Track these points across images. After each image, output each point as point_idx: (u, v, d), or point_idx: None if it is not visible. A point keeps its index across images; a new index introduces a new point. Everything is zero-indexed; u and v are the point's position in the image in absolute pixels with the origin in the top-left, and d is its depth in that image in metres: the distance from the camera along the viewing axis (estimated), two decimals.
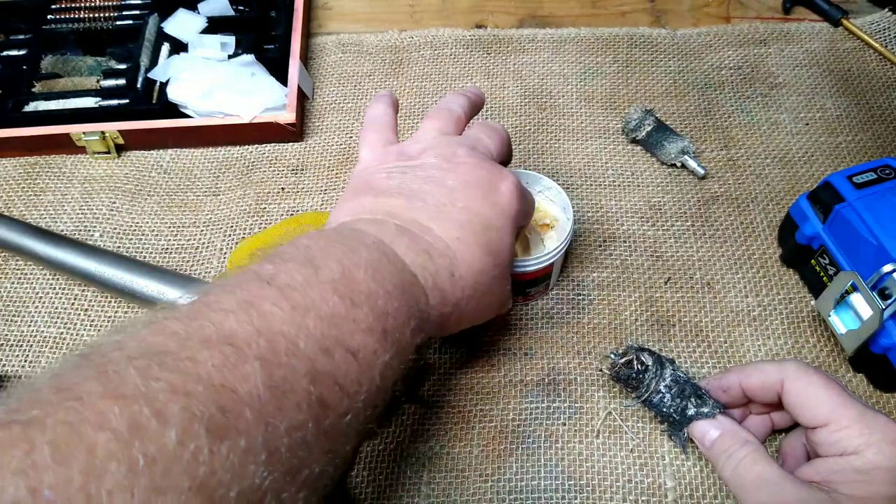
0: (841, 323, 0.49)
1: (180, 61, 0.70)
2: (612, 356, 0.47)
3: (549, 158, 0.67)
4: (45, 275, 0.61)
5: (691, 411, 0.45)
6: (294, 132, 0.67)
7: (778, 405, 0.45)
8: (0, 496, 0.19)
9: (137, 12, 0.75)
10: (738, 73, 0.72)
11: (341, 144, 0.69)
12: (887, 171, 0.53)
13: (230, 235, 0.63)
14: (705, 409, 0.45)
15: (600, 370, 0.48)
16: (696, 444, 0.46)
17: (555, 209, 0.56)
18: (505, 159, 0.48)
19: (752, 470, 0.40)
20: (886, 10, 0.76)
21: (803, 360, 0.41)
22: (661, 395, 0.46)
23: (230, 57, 0.71)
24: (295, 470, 0.26)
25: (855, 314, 0.48)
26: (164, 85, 0.69)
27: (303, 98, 0.71)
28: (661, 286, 0.58)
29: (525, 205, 0.44)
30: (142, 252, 0.63)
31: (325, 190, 0.66)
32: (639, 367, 0.46)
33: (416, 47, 0.76)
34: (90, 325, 0.59)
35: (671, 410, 0.46)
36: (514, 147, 0.67)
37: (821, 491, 0.38)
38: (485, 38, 0.76)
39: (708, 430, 0.44)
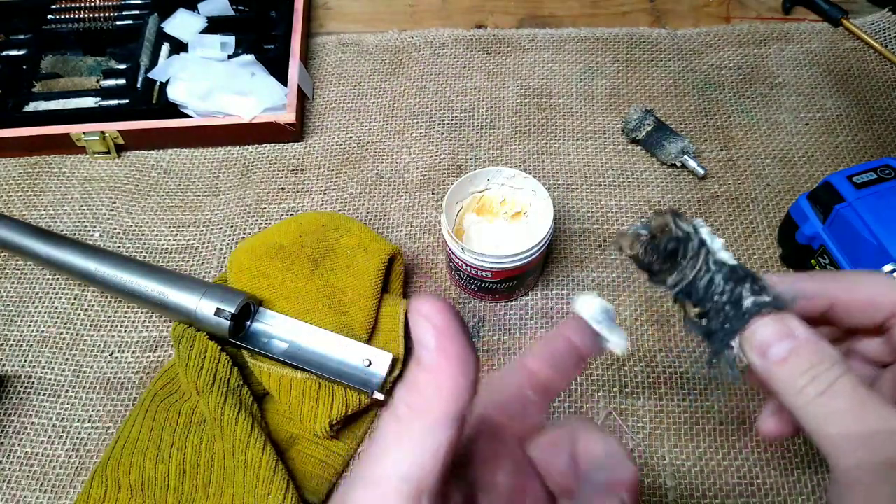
0: None
1: (180, 61, 0.70)
2: (635, 228, 0.31)
3: (549, 158, 0.67)
4: (45, 275, 0.61)
5: (749, 302, 0.29)
6: (294, 132, 0.67)
7: (870, 333, 0.33)
8: None
9: (137, 12, 0.75)
10: (738, 73, 0.72)
11: (341, 144, 0.69)
12: (887, 171, 0.53)
13: (230, 235, 0.63)
14: (767, 299, 0.28)
15: (619, 249, 0.32)
16: (747, 362, 0.30)
17: (522, 195, 0.56)
18: None
19: (851, 397, 0.27)
20: (886, 10, 0.76)
21: None
22: (709, 274, 0.30)
23: (230, 57, 0.71)
24: None
25: None
26: (164, 85, 0.69)
27: (303, 98, 0.71)
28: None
29: None
30: (142, 252, 0.63)
31: (325, 190, 0.66)
32: (679, 233, 0.30)
33: (416, 47, 0.76)
34: (90, 325, 0.59)
35: (724, 300, 0.29)
36: (514, 147, 0.67)
37: None
38: (485, 38, 0.76)
39: (775, 338, 0.28)
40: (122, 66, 0.72)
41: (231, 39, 0.72)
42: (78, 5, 0.76)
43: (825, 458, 0.27)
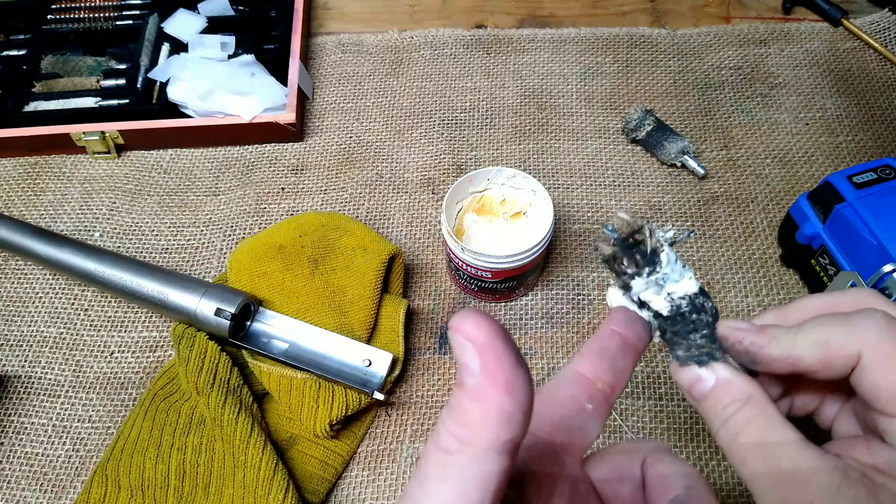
0: None
1: (180, 61, 0.69)
2: (607, 230, 0.30)
3: (549, 158, 0.67)
4: (45, 275, 0.61)
5: (687, 344, 0.29)
6: (294, 132, 0.67)
7: (832, 384, 0.31)
8: None
9: (137, 12, 0.75)
10: (738, 73, 0.72)
11: (341, 144, 0.69)
12: (887, 171, 0.53)
13: (230, 235, 0.63)
14: (703, 350, 0.29)
15: (595, 249, 0.31)
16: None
17: (522, 195, 0.56)
18: None
19: (762, 437, 0.27)
20: (886, 10, 0.76)
21: (880, 315, 0.28)
22: (672, 294, 0.29)
23: (230, 57, 0.71)
24: None
25: None
26: (164, 85, 0.69)
27: (303, 98, 0.71)
28: None
29: None
30: (142, 252, 0.63)
31: (325, 190, 0.66)
32: (651, 241, 0.29)
33: (416, 47, 0.76)
34: (90, 325, 0.59)
35: (677, 329, 0.30)
36: (514, 147, 0.67)
37: (862, 482, 0.26)
38: (485, 38, 0.76)
39: (700, 377, 0.29)
40: (122, 66, 0.72)
41: (231, 39, 0.72)
42: (78, 5, 0.76)
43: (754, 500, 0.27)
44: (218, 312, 0.51)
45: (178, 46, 0.73)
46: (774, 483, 0.26)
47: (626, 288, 0.30)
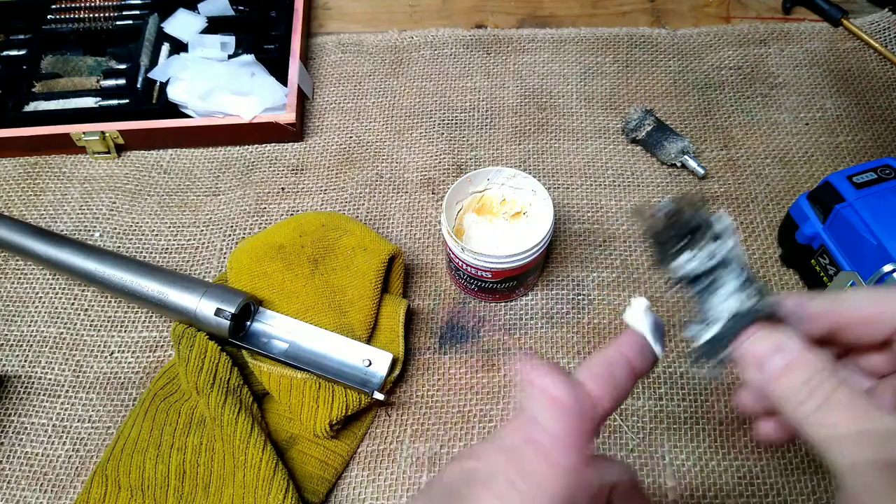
0: None
1: (180, 61, 0.69)
2: (661, 205, 0.31)
3: (549, 158, 0.67)
4: (45, 275, 0.61)
5: (750, 304, 0.29)
6: (294, 132, 0.67)
7: (871, 349, 0.32)
8: None
9: (137, 12, 0.75)
10: (738, 73, 0.72)
11: (341, 144, 0.69)
12: (887, 171, 0.53)
13: (230, 235, 0.63)
14: (763, 308, 0.28)
15: (640, 216, 0.32)
16: (738, 371, 0.30)
17: (522, 195, 0.56)
18: None
19: (850, 406, 0.26)
20: (886, 10, 0.76)
21: None
22: (722, 266, 0.29)
23: (230, 57, 0.71)
24: None
25: None
26: (164, 85, 0.69)
27: (303, 98, 0.71)
28: (661, 286, 0.58)
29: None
30: (142, 252, 0.63)
31: (325, 190, 0.66)
32: (702, 217, 0.30)
33: (416, 47, 0.76)
34: (90, 325, 0.59)
35: (723, 300, 0.29)
36: (514, 147, 0.68)
37: None
38: (485, 38, 0.76)
39: (770, 352, 0.28)
40: (122, 66, 0.72)
41: (231, 39, 0.72)
42: (78, 5, 0.76)
43: (830, 468, 0.26)
44: (218, 312, 0.51)
45: (178, 46, 0.73)
46: (862, 443, 0.26)
47: (671, 260, 0.30)
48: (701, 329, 0.30)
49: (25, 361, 0.57)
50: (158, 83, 0.70)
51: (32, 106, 0.70)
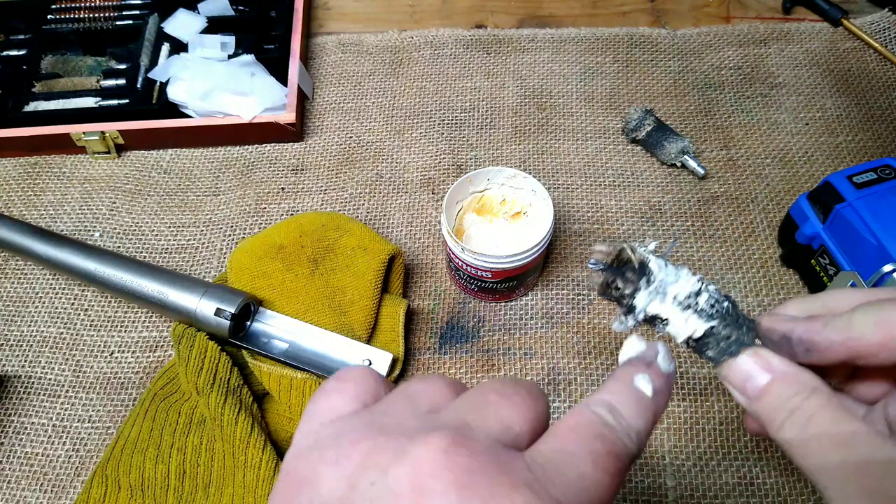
0: None
1: (180, 61, 0.69)
2: (591, 265, 0.30)
3: (549, 158, 0.67)
4: (45, 275, 0.61)
5: (714, 340, 0.29)
6: (294, 132, 0.67)
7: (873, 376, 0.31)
8: None
9: (137, 12, 0.75)
10: (738, 73, 0.72)
11: (341, 144, 0.69)
12: (887, 171, 0.53)
13: (230, 235, 0.63)
14: (744, 337, 0.29)
15: (593, 287, 0.30)
16: (727, 391, 0.31)
17: (522, 195, 0.56)
18: None
19: (833, 427, 0.26)
20: (886, 10, 0.76)
21: None
22: (676, 296, 0.29)
23: (230, 57, 0.71)
24: None
25: None
26: (164, 85, 0.69)
27: (303, 98, 0.71)
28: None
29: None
30: (142, 252, 0.63)
31: (325, 190, 0.66)
32: (636, 256, 0.29)
33: (416, 47, 0.76)
34: (90, 325, 0.59)
35: (704, 335, 0.29)
36: (514, 147, 0.68)
37: None
38: (485, 38, 0.76)
39: (753, 372, 0.28)
40: (122, 66, 0.72)
41: (231, 39, 0.72)
42: (78, 5, 0.76)
43: (819, 492, 0.26)
44: (218, 312, 0.51)
45: (178, 46, 0.73)
46: (854, 472, 0.25)
47: (631, 309, 0.29)
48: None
49: (25, 361, 0.57)
50: (158, 83, 0.70)
51: (32, 106, 0.70)
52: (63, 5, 0.76)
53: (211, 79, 0.67)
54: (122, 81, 0.70)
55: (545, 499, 0.20)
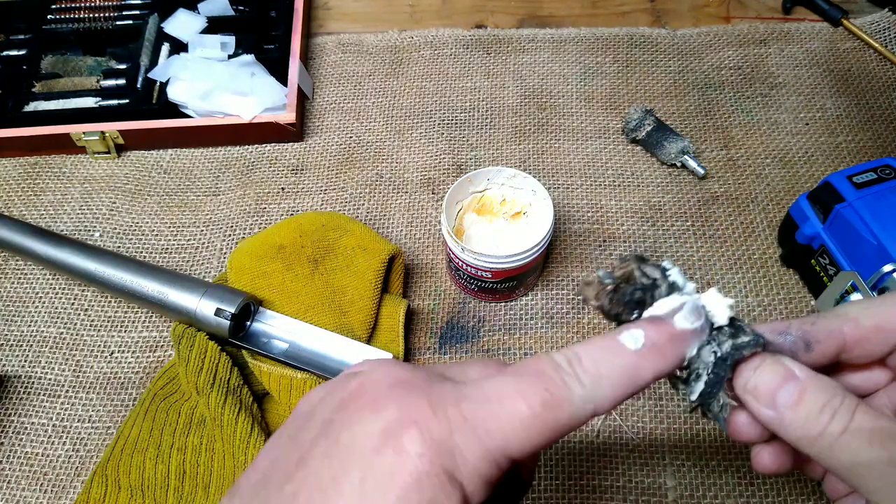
0: None
1: (180, 61, 0.69)
2: (599, 275, 0.28)
3: (549, 158, 0.67)
4: (45, 275, 0.61)
5: (727, 346, 0.27)
6: (294, 132, 0.67)
7: (866, 367, 0.31)
8: None
9: (137, 12, 0.75)
10: (738, 73, 0.72)
11: (341, 144, 0.69)
12: (887, 171, 0.53)
13: (230, 235, 0.63)
14: (745, 339, 0.27)
15: (584, 300, 0.29)
16: (746, 408, 0.28)
17: (522, 195, 0.56)
18: None
19: (874, 427, 0.25)
20: (886, 10, 0.76)
21: None
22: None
23: (230, 57, 0.71)
24: None
25: None
26: (164, 85, 0.69)
27: (303, 98, 0.71)
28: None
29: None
30: (142, 252, 0.63)
31: (325, 190, 0.66)
32: (644, 281, 0.27)
33: (416, 47, 0.76)
34: (90, 325, 0.59)
35: (708, 353, 0.27)
36: (514, 147, 0.68)
37: None
38: (485, 38, 0.76)
39: (779, 383, 0.26)
40: (122, 66, 0.72)
41: (231, 39, 0.72)
42: (78, 5, 0.76)
43: (863, 496, 0.25)
44: (218, 312, 0.51)
45: (178, 46, 0.73)
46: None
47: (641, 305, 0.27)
48: (689, 386, 0.27)
49: (25, 361, 0.57)
50: (158, 83, 0.70)
51: (32, 106, 0.70)
52: (63, 5, 0.76)
53: (211, 79, 0.67)
54: (122, 81, 0.70)
55: (441, 415, 0.23)
